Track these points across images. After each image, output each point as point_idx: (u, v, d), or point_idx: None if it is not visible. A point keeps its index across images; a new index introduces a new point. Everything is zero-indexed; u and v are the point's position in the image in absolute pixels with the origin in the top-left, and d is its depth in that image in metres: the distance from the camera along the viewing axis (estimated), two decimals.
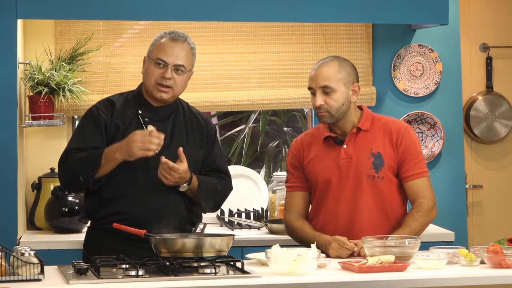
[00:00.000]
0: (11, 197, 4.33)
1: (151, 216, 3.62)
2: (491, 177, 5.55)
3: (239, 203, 5.02)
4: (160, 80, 3.70)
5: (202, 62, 5.07)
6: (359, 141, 3.81)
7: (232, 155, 7.03)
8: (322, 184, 3.81)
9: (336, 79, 3.75)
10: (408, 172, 3.78)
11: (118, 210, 3.65)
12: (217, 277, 3.14)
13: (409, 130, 3.84)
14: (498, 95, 5.56)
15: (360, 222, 3.74)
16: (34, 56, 4.81)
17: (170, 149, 3.68)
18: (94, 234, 3.77)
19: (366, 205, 3.75)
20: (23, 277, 3.08)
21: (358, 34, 5.23)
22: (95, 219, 3.75)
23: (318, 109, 3.76)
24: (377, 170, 3.76)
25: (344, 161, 3.79)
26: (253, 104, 5.14)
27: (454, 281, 3.22)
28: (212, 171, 3.83)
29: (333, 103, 3.75)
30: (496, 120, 5.54)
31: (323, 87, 3.74)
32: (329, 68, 3.76)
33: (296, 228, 3.85)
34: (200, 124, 3.85)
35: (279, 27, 5.15)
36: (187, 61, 3.74)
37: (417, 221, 3.71)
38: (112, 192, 3.67)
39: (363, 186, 3.76)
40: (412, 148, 3.80)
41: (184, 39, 3.76)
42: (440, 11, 4.81)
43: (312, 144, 3.89)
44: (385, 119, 3.89)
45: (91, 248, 3.73)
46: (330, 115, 3.76)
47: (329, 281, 3.16)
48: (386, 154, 3.78)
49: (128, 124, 3.71)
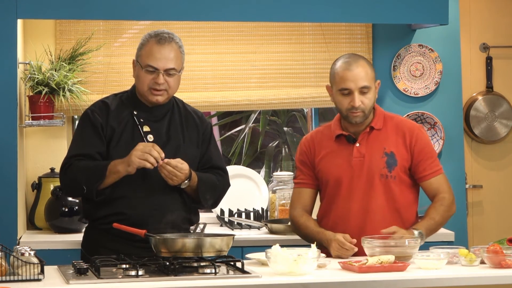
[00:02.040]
0: (11, 197, 4.33)
1: (150, 216, 3.62)
2: (491, 177, 5.54)
3: (239, 203, 5.02)
4: (153, 86, 3.68)
5: (202, 62, 5.07)
6: (372, 140, 3.79)
7: (232, 155, 7.03)
8: (334, 183, 3.80)
9: (370, 77, 3.74)
10: (425, 171, 3.79)
11: (117, 211, 3.65)
12: (217, 277, 3.14)
13: (421, 130, 3.85)
14: (498, 95, 5.56)
15: (372, 222, 3.72)
16: (34, 56, 4.81)
17: (167, 149, 3.67)
18: (93, 234, 3.76)
19: (379, 204, 3.74)
20: (23, 277, 3.08)
21: (358, 34, 5.23)
22: (93, 219, 3.74)
23: (355, 109, 3.72)
24: (390, 170, 3.76)
25: (357, 159, 3.77)
26: (253, 104, 5.14)
27: (454, 281, 3.22)
28: (209, 169, 3.82)
29: (368, 102, 3.74)
30: (496, 120, 5.54)
31: (363, 88, 3.72)
32: (364, 68, 3.73)
33: (300, 224, 3.84)
34: (196, 121, 3.83)
35: (279, 27, 5.15)
36: (177, 62, 3.70)
37: (440, 214, 3.73)
38: (111, 194, 3.65)
39: (375, 186, 3.75)
40: (427, 148, 3.82)
41: (171, 39, 3.70)
42: (440, 11, 4.81)
43: (323, 142, 3.87)
44: (396, 118, 3.89)
45: (90, 248, 3.73)
46: (364, 114, 3.75)
47: (329, 281, 3.16)
48: (399, 154, 3.78)
49: (124, 125, 3.70)
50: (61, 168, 3.71)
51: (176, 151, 3.71)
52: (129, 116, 3.72)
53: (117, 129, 3.69)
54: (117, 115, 3.72)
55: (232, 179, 3.93)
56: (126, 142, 3.67)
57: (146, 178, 3.65)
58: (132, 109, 3.73)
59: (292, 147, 7.14)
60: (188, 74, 4.98)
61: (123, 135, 3.67)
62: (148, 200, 3.65)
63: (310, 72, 5.20)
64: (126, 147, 3.63)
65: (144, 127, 3.66)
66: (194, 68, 5.05)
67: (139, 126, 3.67)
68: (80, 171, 3.63)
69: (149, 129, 3.69)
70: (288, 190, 5.00)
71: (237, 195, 5.02)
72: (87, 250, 3.74)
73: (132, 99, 3.77)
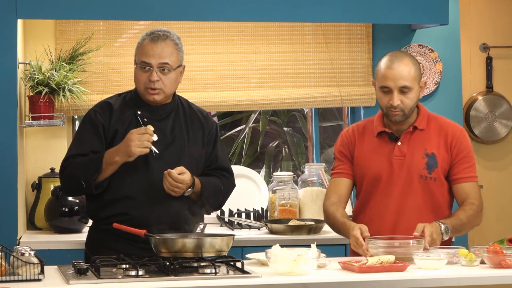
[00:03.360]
0: (11, 197, 4.33)
1: (154, 217, 3.62)
2: (491, 177, 5.54)
3: (239, 203, 5.02)
4: (148, 84, 3.67)
5: (202, 62, 5.08)
6: (414, 140, 3.77)
7: (232, 155, 7.03)
8: (371, 179, 3.77)
9: (412, 77, 3.69)
10: (459, 174, 3.75)
11: (121, 211, 3.64)
12: (217, 277, 3.14)
13: (464, 134, 3.82)
14: (498, 95, 5.56)
15: (407, 222, 3.69)
16: (34, 56, 4.81)
17: (172, 148, 3.68)
18: (96, 234, 3.76)
19: (416, 204, 3.72)
20: (23, 277, 3.08)
21: (358, 34, 5.23)
22: (97, 219, 3.74)
23: (393, 108, 3.70)
24: (430, 171, 3.73)
25: (397, 158, 3.75)
26: (253, 104, 5.14)
27: (454, 281, 3.22)
28: (214, 169, 3.82)
29: (408, 102, 3.70)
30: (496, 120, 5.54)
31: (402, 87, 3.68)
32: (406, 67, 3.69)
33: (328, 214, 3.81)
34: (201, 121, 3.82)
35: (279, 27, 5.15)
36: (172, 58, 3.68)
37: (467, 218, 3.68)
38: (114, 194, 3.66)
39: (414, 186, 3.73)
40: (466, 152, 3.78)
41: (166, 36, 3.68)
42: (440, 11, 4.81)
43: (364, 136, 3.84)
44: (441, 120, 3.84)
45: (93, 248, 3.72)
46: (404, 114, 3.72)
47: (329, 281, 3.16)
48: (440, 156, 3.75)
49: (128, 125, 3.69)
50: (60, 168, 3.72)
51: (181, 151, 3.71)
52: (132, 116, 3.72)
53: (120, 129, 3.69)
54: (120, 115, 3.72)
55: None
56: None
57: (149, 178, 3.64)
58: (136, 108, 3.73)
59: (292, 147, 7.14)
60: (188, 74, 4.99)
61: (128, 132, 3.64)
62: (152, 200, 3.64)
63: (310, 72, 5.20)
64: None
65: (148, 127, 3.65)
66: (194, 68, 5.05)
67: (142, 125, 3.65)
68: (76, 168, 3.63)
69: (153, 129, 3.66)
70: (288, 190, 5.00)
71: (237, 195, 5.00)
72: (91, 250, 3.73)
73: (135, 99, 3.76)
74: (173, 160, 3.66)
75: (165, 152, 3.66)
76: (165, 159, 3.66)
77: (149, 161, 3.64)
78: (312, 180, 5.11)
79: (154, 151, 3.62)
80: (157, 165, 3.64)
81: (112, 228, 3.56)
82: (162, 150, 3.64)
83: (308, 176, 5.12)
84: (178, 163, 3.65)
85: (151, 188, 3.65)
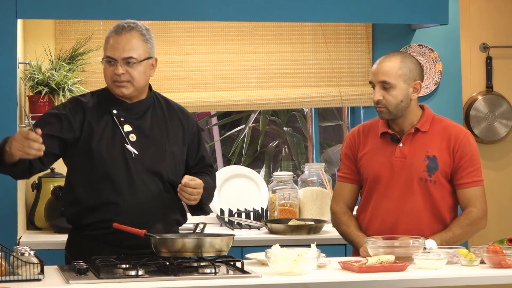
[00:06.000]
0: (11, 197, 4.33)
1: (138, 222, 3.48)
2: (491, 177, 5.54)
3: (239, 203, 5.02)
4: (114, 78, 3.53)
5: (202, 62, 5.08)
6: (416, 142, 3.75)
7: (232, 155, 7.04)
8: (372, 180, 3.77)
9: (396, 75, 3.68)
10: (462, 179, 3.72)
11: (104, 218, 3.51)
12: (217, 277, 3.14)
13: (468, 137, 3.76)
14: (498, 95, 5.56)
15: (406, 223, 3.69)
16: (34, 56, 4.81)
17: (152, 148, 3.57)
18: (78, 240, 3.62)
19: (415, 207, 3.70)
20: (23, 277, 3.08)
21: (358, 34, 5.23)
22: (80, 226, 3.60)
23: (377, 104, 3.70)
24: (430, 174, 3.71)
25: (398, 159, 3.74)
26: (253, 104, 5.14)
27: (454, 281, 3.22)
28: (202, 167, 3.75)
29: (391, 99, 3.69)
30: (496, 120, 5.54)
31: (382, 82, 3.68)
32: (390, 63, 3.69)
33: (341, 222, 3.81)
34: (180, 118, 3.69)
35: (279, 27, 5.15)
36: (138, 51, 3.53)
37: (462, 228, 3.67)
38: (96, 200, 3.52)
39: (413, 188, 3.71)
40: (469, 156, 3.73)
41: (131, 28, 3.53)
42: (440, 11, 4.82)
43: (368, 137, 3.83)
44: (445, 122, 3.81)
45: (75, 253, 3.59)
46: (388, 111, 3.70)
47: (329, 281, 3.16)
48: (441, 159, 3.72)
49: (105, 124, 3.55)
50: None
51: (162, 152, 3.59)
52: (108, 115, 3.58)
53: (96, 127, 3.55)
54: (94, 112, 3.57)
55: (232, 179, 3.94)
56: (107, 142, 3.54)
57: (132, 184, 3.52)
58: (111, 107, 3.59)
59: (292, 147, 7.15)
60: (188, 74, 4.99)
61: (105, 134, 3.53)
62: (135, 205, 3.52)
63: (310, 72, 5.20)
64: (108, 146, 3.52)
65: (125, 126, 3.55)
66: (194, 68, 5.05)
67: (119, 126, 3.55)
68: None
69: (131, 128, 3.56)
70: (288, 190, 5.00)
71: (237, 195, 5.02)
72: (72, 254, 3.62)
73: (109, 97, 3.61)
74: (155, 161, 3.56)
75: (146, 153, 3.55)
76: (146, 160, 3.55)
77: (129, 164, 3.53)
78: (312, 180, 5.11)
79: (133, 152, 3.53)
80: (137, 168, 3.53)
81: (96, 234, 3.49)
82: (142, 150, 3.54)
83: (308, 176, 5.12)
84: (160, 164, 3.56)
85: (133, 193, 3.52)
